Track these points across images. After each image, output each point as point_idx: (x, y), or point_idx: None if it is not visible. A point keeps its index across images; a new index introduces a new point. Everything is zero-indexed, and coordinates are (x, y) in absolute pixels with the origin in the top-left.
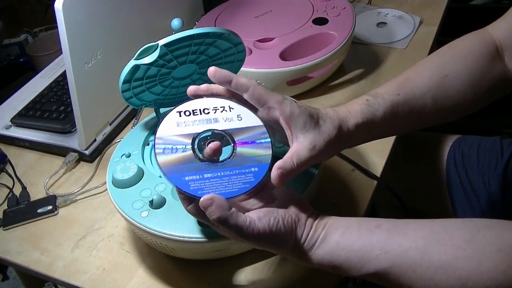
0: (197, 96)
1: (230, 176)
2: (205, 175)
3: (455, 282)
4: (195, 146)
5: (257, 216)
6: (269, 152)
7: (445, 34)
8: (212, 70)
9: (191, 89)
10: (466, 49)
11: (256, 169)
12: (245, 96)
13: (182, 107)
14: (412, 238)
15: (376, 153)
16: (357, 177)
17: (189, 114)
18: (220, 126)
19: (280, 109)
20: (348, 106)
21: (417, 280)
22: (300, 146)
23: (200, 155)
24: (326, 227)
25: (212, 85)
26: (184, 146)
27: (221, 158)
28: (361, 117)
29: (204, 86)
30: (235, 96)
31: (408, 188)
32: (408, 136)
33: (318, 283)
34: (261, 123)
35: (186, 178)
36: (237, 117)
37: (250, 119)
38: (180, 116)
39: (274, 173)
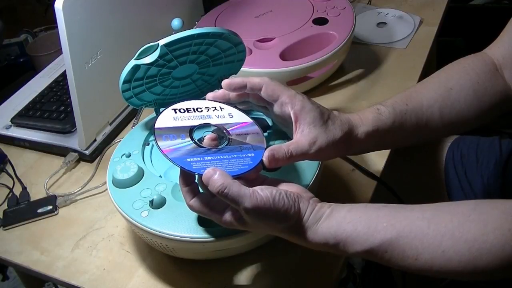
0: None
1: (230, 159)
2: (206, 158)
3: (462, 245)
4: (193, 136)
5: (259, 187)
6: (263, 144)
7: (445, 34)
8: (226, 82)
9: (210, 95)
10: (468, 66)
11: (253, 154)
12: (261, 94)
13: (177, 105)
14: (419, 211)
15: (376, 153)
16: (357, 177)
17: (184, 112)
18: (213, 122)
19: (291, 103)
20: (360, 114)
21: (423, 249)
22: (302, 138)
23: (200, 144)
24: (333, 206)
25: (227, 92)
26: (182, 136)
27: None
28: (372, 125)
29: (221, 93)
30: (254, 97)
31: (407, 189)
32: None
33: (318, 283)
34: (251, 121)
35: (188, 159)
36: (229, 115)
37: (240, 117)
38: (176, 112)
39: (266, 154)
